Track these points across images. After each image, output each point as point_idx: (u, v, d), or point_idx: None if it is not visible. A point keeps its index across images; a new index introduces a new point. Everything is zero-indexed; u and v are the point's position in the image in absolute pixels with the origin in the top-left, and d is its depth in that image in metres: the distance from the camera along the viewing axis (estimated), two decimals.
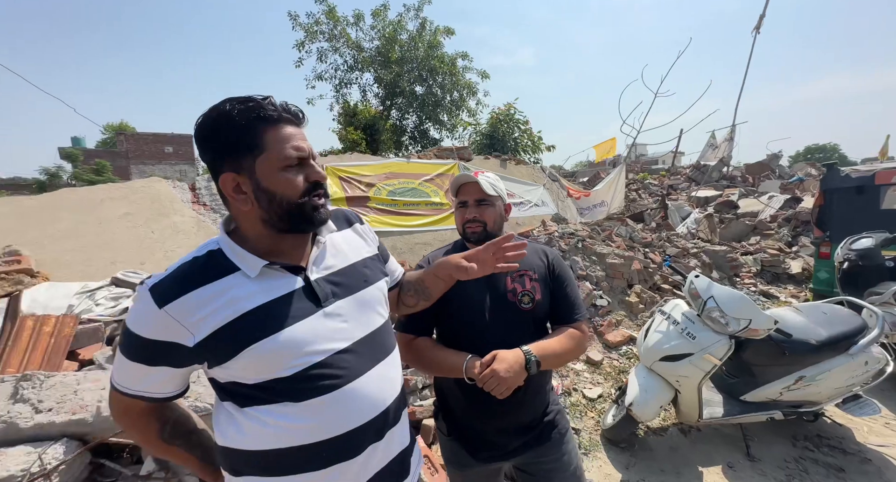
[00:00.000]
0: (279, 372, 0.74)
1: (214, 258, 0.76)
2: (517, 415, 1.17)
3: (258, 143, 0.72)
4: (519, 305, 1.16)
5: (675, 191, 11.96)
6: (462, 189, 1.23)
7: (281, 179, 0.73)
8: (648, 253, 5.16)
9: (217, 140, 0.73)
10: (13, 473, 1.38)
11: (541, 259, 1.25)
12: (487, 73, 12.34)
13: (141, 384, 0.76)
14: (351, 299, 0.84)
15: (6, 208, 2.71)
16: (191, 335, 0.70)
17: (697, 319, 2.16)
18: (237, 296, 0.73)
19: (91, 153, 25.07)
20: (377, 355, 0.86)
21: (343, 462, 0.79)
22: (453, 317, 1.18)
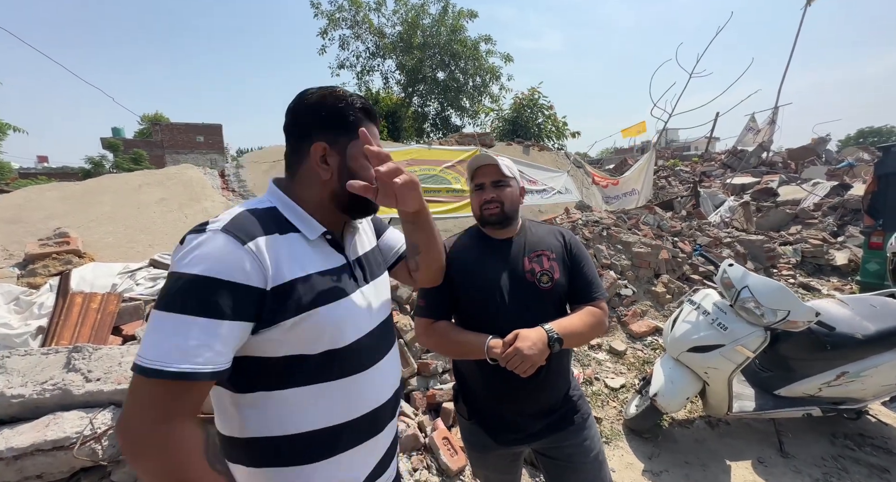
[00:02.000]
0: (329, 344, 0.74)
1: (275, 215, 0.75)
2: (538, 397, 1.17)
3: (355, 130, 0.79)
4: (538, 285, 1.15)
5: (708, 178, 11.38)
6: (478, 172, 1.22)
7: (363, 164, 0.80)
8: (677, 242, 4.97)
9: (325, 112, 0.78)
10: (69, 435, 1.50)
11: (557, 239, 1.24)
12: (511, 56, 11.99)
13: (202, 352, 0.59)
14: (375, 283, 0.89)
15: (54, 193, 2.91)
16: (267, 280, 0.66)
17: (730, 310, 2.07)
18: (299, 254, 0.73)
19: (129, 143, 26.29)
20: (389, 342, 0.91)
21: (370, 440, 0.82)
22: (472, 300, 1.18)
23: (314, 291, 0.72)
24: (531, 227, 1.28)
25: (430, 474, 2.02)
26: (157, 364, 0.57)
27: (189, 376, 0.58)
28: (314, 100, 0.79)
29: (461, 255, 1.22)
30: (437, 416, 2.32)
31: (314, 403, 0.74)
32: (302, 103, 0.80)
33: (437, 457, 2.08)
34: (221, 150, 27.74)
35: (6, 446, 1.45)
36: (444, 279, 1.20)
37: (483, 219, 1.21)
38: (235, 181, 3.59)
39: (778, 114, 11.37)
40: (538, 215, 5.63)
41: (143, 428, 0.58)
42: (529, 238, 1.23)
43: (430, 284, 1.13)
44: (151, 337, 0.60)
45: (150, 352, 0.58)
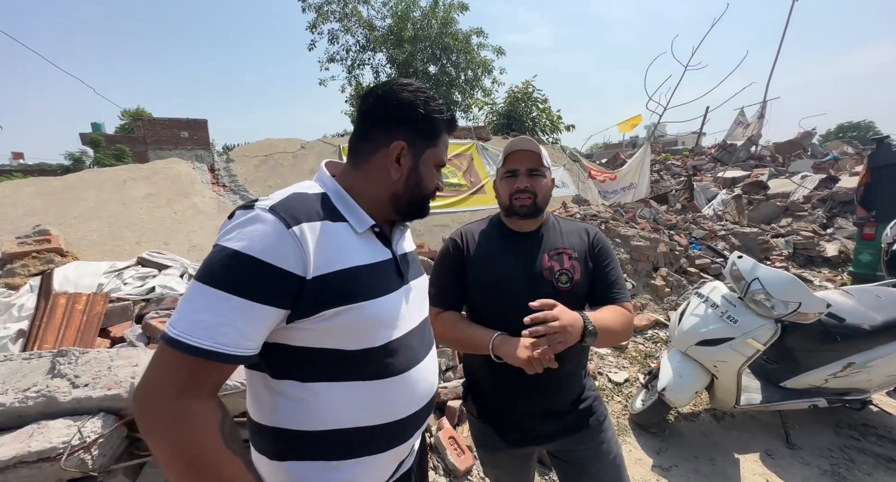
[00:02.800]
0: (368, 341, 0.71)
1: (325, 201, 0.73)
2: (550, 398, 1.10)
3: (436, 138, 0.81)
4: (556, 284, 1.07)
5: (699, 171, 11.50)
6: (512, 157, 1.12)
7: (431, 173, 0.82)
8: (674, 235, 4.98)
9: (416, 113, 0.77)
10: (55, 445, 1.40)
11: (581, 237, 1.16)
12: (503, 49, 11.89)
13: (228, 332, 0.57)
14: (417, 282, 0.87)
15: (33, 188, 2.75)
16: (309, 268, 0.63)
17: (739, 302, 2.05)
18: (348, 245, 0.71)
19: (111, 138, 25.55)
20: (429, 341, 0.88)
21: (397, 447, 0.77)
22: (483, 293, 1.11)
23: (358, 284, 0.69)
24: (556, 222, 1.20)
25: (437, 475, 1.97)
26: (183, 336, 0.56)
27: (210, 355, 0.56)
28: (409, 96, 0.77)
29: (477, 245, 1.15)
30: (443, 415, 2.27)
31: (345, 401, 0.71)
32: (395, 95, 0.77)
33: (443, 457, 2.02)
34: (207, 146, 27.11)
35: None
36: (457, 268, 1.15)
37: (511, 208, 1.12)
38: (226, 176, 3.46)
39: (766, 108, 11.53)
40: None
41: (159, 401, 0.56)
42: (552, 234, 1.15)
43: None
44: (184, 307, 0.59)
45: (180, 323, 0.57)
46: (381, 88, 0.79)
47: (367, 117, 0.79)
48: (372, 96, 0.79)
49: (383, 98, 0.78)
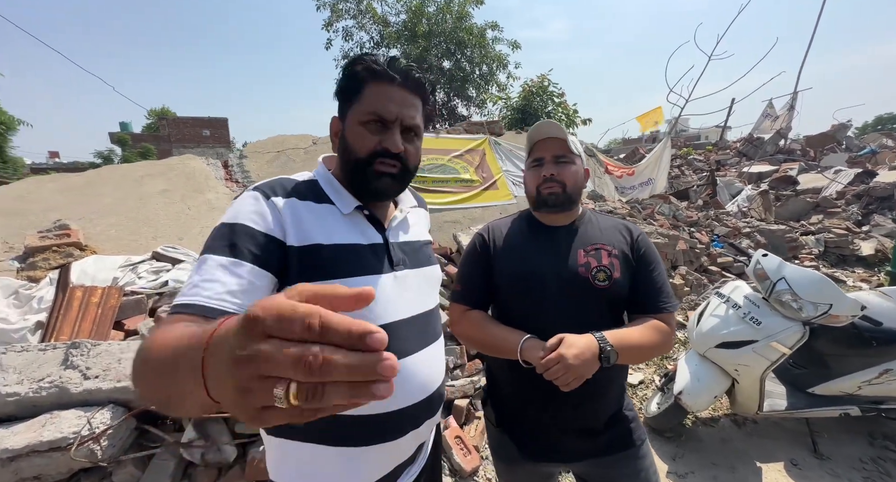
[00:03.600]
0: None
1: (312, 186, 0.76)
2: (580, 414, 0.99)
3: (357, 94, 0.73)
4: (592, 282, 0.97)
5: (723, 166, 11.06)
6: (538, 145, 1.04)
7: (356, 132, 0.74)
8: (694, 232, 4.80)
9: (339, 84, 0.77)
10: (66, 435, 1.43)
11: (622, 235, 1.05)
12: (518, 43, 11.68)
13: (212, 286, 0.58)
14: (418, 271, 0.83)
15: (54, 185, 2.85)
16: (286, 235, 0.67)
17: (764, 303, 1.93)
18: (330, 224, 0.72)
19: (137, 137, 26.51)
20: (429, 337, 0.83)
21: (386, 442, 0.74)
22: (513, 291, 1.02)
23: (335, 261, 0.69)
24: (592, 217, 1.10)
25: (443, 474, 1.94)
26: (209, 299, 0.57)
27: (191, 307, 0.56)
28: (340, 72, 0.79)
29: (507, 240, 1.07)
30: (450, 414, 2.23)
31: None
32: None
33: (449, 456, 1.99)
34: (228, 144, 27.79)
35: (0, 447, 1.39)
36: (484, 265, 1.07)
37: (539, 199, 1.03)
38: (239, 172, 3.50)
39: (797, 99, 10.96)
40: None
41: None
42: (589, 229, 1.05)
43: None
44: (203, 274, 0.61)
45: (201, 289, 0.58)
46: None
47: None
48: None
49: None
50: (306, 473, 0.72)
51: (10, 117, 10.38)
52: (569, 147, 1.02)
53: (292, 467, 0.73)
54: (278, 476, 0.74)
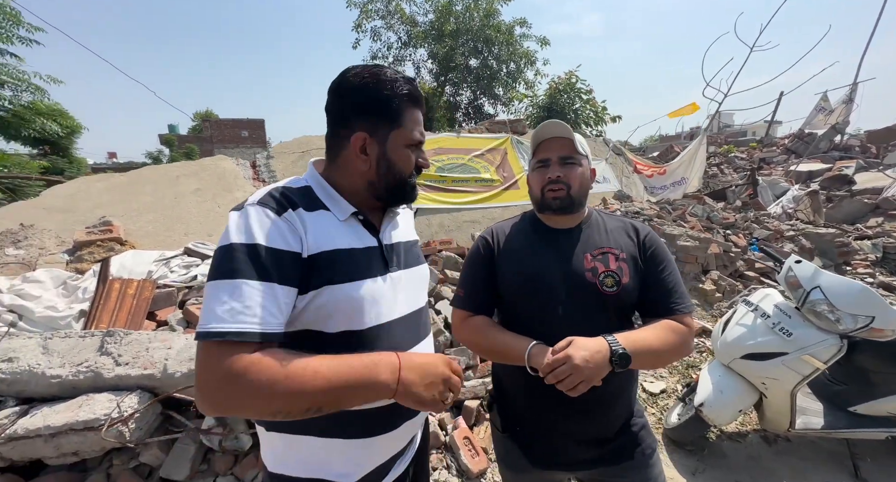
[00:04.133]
0: (346, 325, 0.73)
1: (306, 193, 0.77)
2: (592, 421, 0.97)
3: (399, 118, 0.77)
4: (600, 288, 0.93)
5: (768, 165, 10.33)
6: (543, 146, 1.01)
7: (403, 155, 0.79)
8: (730, 235, 4.52)
9: (367, 100, 0.75)
10: (98, 416, 1.56)
11: (629, 236, 1.02)
12: (547, 39, 11.44)
13: (263, 312, 0.61)
14: (409, 272, 0.87)
15: (102, 184, 3.11)
16: (303, 247, 0.68)
17: (796, 313, 1.79)
18: (330, 230, 0.74)
19: (183, 139, 28.21)
20: (420, 333, 0.87)
21: (382, 434, 0.78)
22: (517, 296, 1.00)
23: (336, 267, 0.72)
24: (599, 219, 1.06)
25: (450, 474, 1.94)
26: (211, 327, 0.58)
27: (240, 335, 0.58)
28: (357, 83, 0.75)
29: (510, 243, 1.05)
30: (459, 414, 2.23)
31: None
32: (344, 86, 0.77)
33: (457, 457, 1.99)
34: (264, 144, 28.98)
35: (44, 424, 1.53)
36: (487, 269, 1.05)
37: (543, 202, 1.00)
38: (266, 171, 3.67)
39: (856, 91, 10.03)
40: None
41: (214, 389, 0.58)
42: (595, 231, 1.02)
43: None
44: (206, 305, 0.61)
45: (206, 318, 0.60)
46: (335, 82, 0.78)
47: (329, 114, 0.80)
48: (329, 91, 0.79)
49: (336, 92, 0.77)
50: (312, 465, 0.75)
51: (76, 122, 11.35)
52: (575, 147, 0.99)
53: (297, 459, 0.76)
54: (280, 468, 0.77)
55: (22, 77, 8.08)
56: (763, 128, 12.31)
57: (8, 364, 1.65)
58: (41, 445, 1.53)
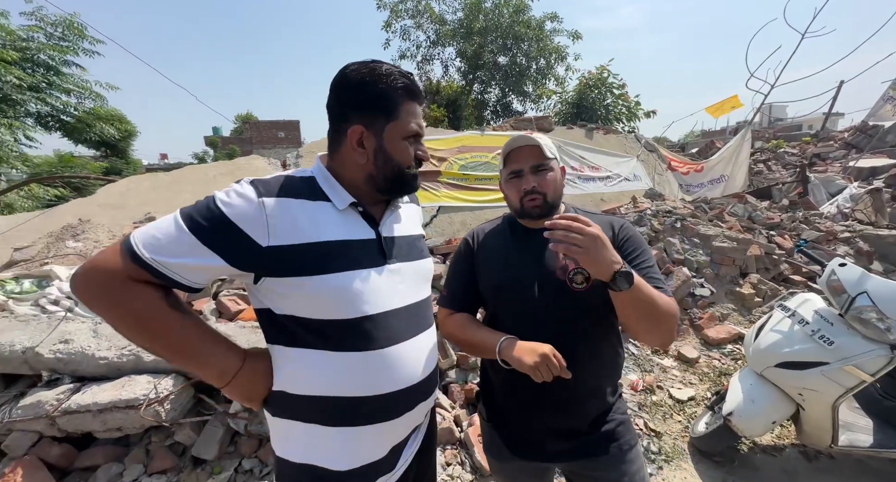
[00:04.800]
0: (337, 313, 0.75)
1: (309, 182, 0.80)
2: (564, 414, 1.01)
3: (395, 111, 0.79)
4: (570, 285, 0.93)
5: (823, 160, 9.51)
6: (512, 156, 1.03)
7: (400, 147, 0.81)
8: (774, 236, 4.21)
9: (363, 94, 0.77)
10: (137, 396, 1.70)
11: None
12: (579, 33, 11.12)
13: (177, 259, 0.66)
14: (410, 265, 0.88)
15: (148, 183, 3.38)
16: (266, 236, 0.70)
17: (839, 320, 1.65)
18: (322, 221, 0.75)
19: (226, 140, 29.86)
20: (420, 325, 0.88)
21: (379, 423, 0.79)
22: (494, 296, 1.05)
23: (327, 257, 0.73)
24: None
25: (464, 470, 1.95)
26: (144, 251, 0.66)
27: (160, 274, 0.66)
28: (353, 79, 0.77)
29: (490, 244, 1.10)
30: (475, 411, 2.24)
31: (320, 369, 0.75)
32: (342, 82, 0.79)
33: (471, 453, 2.00)
34: (299, 144, 30.12)
35: (93, 401, 1.69)
36: (468, 270, 1.10)
37: (523, 211, 1.03)
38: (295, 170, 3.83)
39: None
40: (600, 204, 5.16)
41: (104, 278, 0.67)
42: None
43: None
44: (155, 229, 0.68)
45: (146, 239, 0.67)
46: (334, 78, 0.80)
47: (328, 109, 0.82)
48: (330, 87, 0.81)
49: (335, 87, 0.80)
50: (310, 451, 0.78)
51: (132, 125, 12.32)
52: (544, 154, 1.00)
53: (298, 445, 0.79)
54: (284, 453, 0.80)
55: (85, 85, 8.85)
56: (821, 121, 11.29)
57: (65, 345, 1.83)
58: (90, 420, 1.69)
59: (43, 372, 1.80)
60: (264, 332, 0.80)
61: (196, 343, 0.73)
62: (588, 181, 5.38)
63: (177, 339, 0.71)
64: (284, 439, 0.80)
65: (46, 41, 8.10)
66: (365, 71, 0.77)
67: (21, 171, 7.99)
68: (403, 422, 0.84)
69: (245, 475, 1.78)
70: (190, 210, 0.69)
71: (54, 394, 1.71)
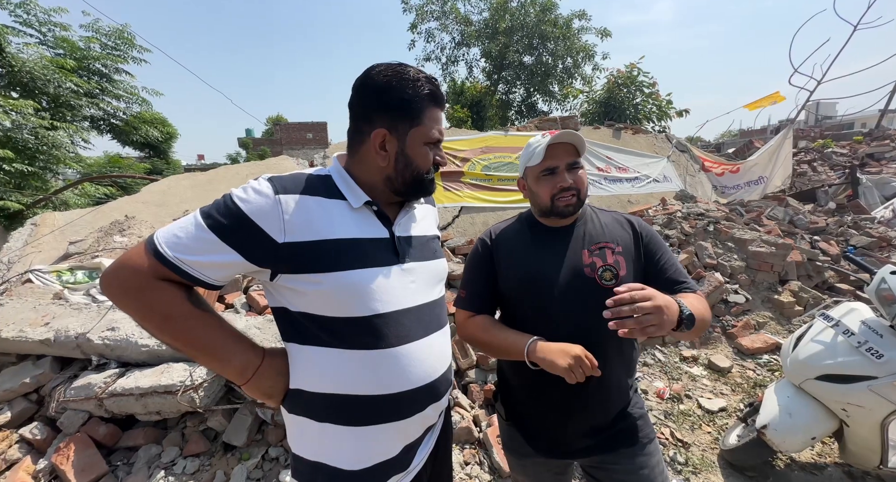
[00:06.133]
0: (349, 311, 0.75)
1: (326, 180, 0.81)
2: (590, 412, 1.01)
3: (420, 117, 0.80)
4: (599, 282, 0.97)
5: (877, 161, 8.83)
6: (550, 151, 1.01)
7: (421, 152, 0.82)
8: (818, 242, 3.96)
9: (389, 98, 0.78)
10: (174, 382, 1.80)
11: (624, 229, 1.06)
12: (609, 30, 10.84)
13: (197, 257, 0.68)
14: (423, 265, 0.87)
15: (187, 182, 3.58)
16: (282, 233, 0.71)
17: (889, 332, 1.54)
18: (337, 219, 0.76)
19: (258, 142, 31.06)
20: (433, 325, 0.87)
21: (390, 423, 0.79)
22: (518, 294, 1.04)
23: (339, 255, 0.74)
24: (593, 214, 1.10)
25: (482, 470, 1.95)
26: (167, 249, 0.68)
27: (182, 272, 0.69)
28: (380, 82, 0.78)
29: (509, 244, 1.09)
30: (494, 412, 2.23)
31: (332, 366, 0.76)
32: (367, 83, 0.79)
33: (489, 454, 2.00)
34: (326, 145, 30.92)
35: (135, 385, 1.80)
36: (487, 270, 1.09)
37: (553, 209, 1.02)
38: None
39: None
40: (627, 206, 5.00)
41: (134, 272, 0.69)
42: (591, 227, 1.06)
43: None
44: (177, 228, 0.70)
45: (169, 238, 0.69)
46: (359, 79, 0.81)
47: (351, 109, 0.83)
48: (353, 87, 0.82)
49: (359, 88, 0.80)
50: (323, 450, 0.79)
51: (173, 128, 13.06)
52: (579, 151, 1.02)
53: (312, 443, 0.80)
54: (300, 450, 0.82)
55: (133, 91, 9.47)
56: (875, 119, 10.49)
57: (111, 332, 1.97)
58: (133, 402, 1.81)
59: (93, 356, 1.95)
60: (280, 330, 0.81)
61: (217, 341, 0.75)
62: (615, 182, 5.23)
63: (199, 337, 0.73)
64: (299, 436, 0.81)
65: (101, 51, 8.73)
66: (391, 74, 0.78)
67: (76, 171, 8.65)
68: (416, 422, 0.83)
69: (271, 462, 1.85)
70: (209, 208, 0.71)
71: (102, 377, 1.84)
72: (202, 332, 0.73)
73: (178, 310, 0.70)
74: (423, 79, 0.79)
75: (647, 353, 2.86)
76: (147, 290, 0.69)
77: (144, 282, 0.69)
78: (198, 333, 0.73)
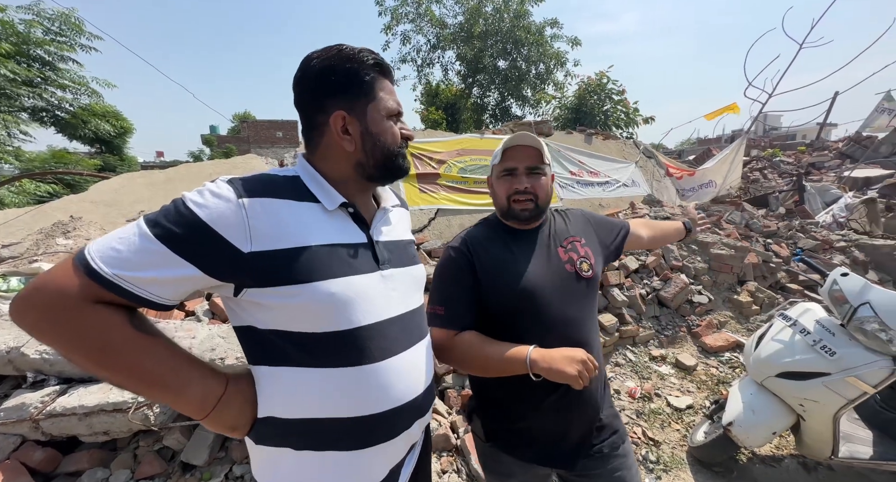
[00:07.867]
0: (328, 325, 0.68)
1: (294, 181, 0.73)
2: (579, 417, 1.01)
3: (372, 91, 0.75)
4: (580, 274, 1.02)
5: (818, 170, 9.61)
6: (509, 153, 1.01)
7: (385, 126, 0.76)
8: (771, 244, 4.23)
9: (337, 76, 0.72)
10: (126, 399, 1.65)
11: (579, 220, 1.17)
12: (579, 39, 11.19)
13: (142, 272, 0.57)
14: (403, 271, 0.82)
15: (142, 180, 3.33)
16: (248, 241, 0.62)
17: (841, 331, 1.64)
18: (310, 224, 0.69)
19: (223, 139, 29.74)
20: (415, 336, 0.82)
21: (374, 446, 0.73)
22: (506, 303, 0.99)
23: (313, 263, 0.66)
24: (553, 214, 1.17)
25: (460, 478, 1.91)
26: (103, 267, 0.57)
27: (124, 291, 0.57)
28: (321, 65, 0.72)
29: (485, 251, 1.03)
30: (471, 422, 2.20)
31: (312, 389, 0.68)
32: (309, 72, 0.73)
33: (467, 461, 1.96)
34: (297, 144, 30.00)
35: (79, 403, 1.63)
36: (467, 281, 1.01)
37: (510, 212, 1.02)
38: None
39: None
40: (598, 209, 5.16)
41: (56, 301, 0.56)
42: (557, 224, 1.12)
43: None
44: (114, 239, 0.59)
45: (104, 251, 0.58)
46: (298, 72, 0.75)
47: (299, 107, 0.77)
48: (294, 84, 0.76)
49: (303, 80, 0.75)
50: (302, 480, 0.71)
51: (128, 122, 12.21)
52: (542, 157, 1.01)
53: (289, 475, 0.71)
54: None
55: (81, 81, 8.77)
56: (815, 131, 11.43)
57: None
58: (76, 423, 1.64)
59: (28, 373, 1.75)
60: (246, 353, 0.71)
61: (168, 371, 0.62)
62: (587, 186, 5.38)
63: (145, 369, 0.60)
64: (272, 469, 0.72)
65: (44, 36, 8.02)
66: (330, 55, 0.73)
67: (13, 166, 7.88)
68: (402, 441, 0.77)
69: (235, 481, 1.73)
70: (155, 216, 0.60)
71: (39, 396, 1.65)
72: (149, 362, 0.61)
73: (118, 337, 0.59)
74: (365, 51, 0.75)
75: (619, 354, 2.93)
76: (77, 317, 0.56)
77: (73, 307, 0.56)
78: (144, 364, 0.60)
